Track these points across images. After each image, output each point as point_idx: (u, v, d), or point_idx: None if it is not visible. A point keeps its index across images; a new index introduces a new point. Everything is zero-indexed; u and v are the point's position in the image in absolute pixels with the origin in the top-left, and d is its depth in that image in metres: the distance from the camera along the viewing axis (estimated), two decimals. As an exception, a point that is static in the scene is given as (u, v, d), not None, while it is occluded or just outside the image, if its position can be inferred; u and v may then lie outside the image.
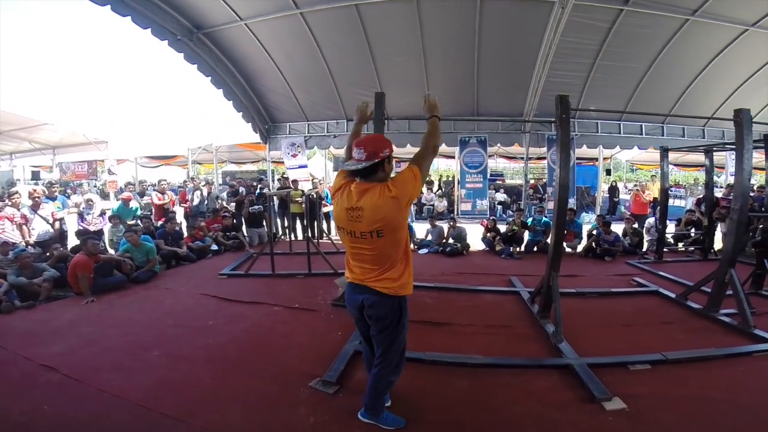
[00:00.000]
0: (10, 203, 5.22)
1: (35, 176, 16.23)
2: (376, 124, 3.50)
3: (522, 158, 11.17)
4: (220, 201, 8.74)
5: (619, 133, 9.59)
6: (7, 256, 4.84)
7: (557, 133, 3.54)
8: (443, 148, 10.26)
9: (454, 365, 3.01)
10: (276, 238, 8.28)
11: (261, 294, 4.73)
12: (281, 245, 6.72)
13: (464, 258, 6.77)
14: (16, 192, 5.50)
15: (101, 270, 4.79)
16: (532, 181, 11.57)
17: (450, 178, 16.84)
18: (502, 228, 7.25)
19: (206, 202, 8.31)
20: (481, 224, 7.60)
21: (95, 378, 2.84)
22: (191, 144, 15.97)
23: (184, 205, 8.24)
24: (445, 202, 10.14)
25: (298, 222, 7.95)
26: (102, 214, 6.75)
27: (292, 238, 7.11)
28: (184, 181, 15.47)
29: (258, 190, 8.12)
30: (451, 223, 7.12)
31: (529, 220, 7.43)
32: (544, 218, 7.29)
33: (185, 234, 6.95)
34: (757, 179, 9.71)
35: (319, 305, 4.35)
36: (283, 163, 21.08)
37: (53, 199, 5.76)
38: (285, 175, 9.55)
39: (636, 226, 7.37)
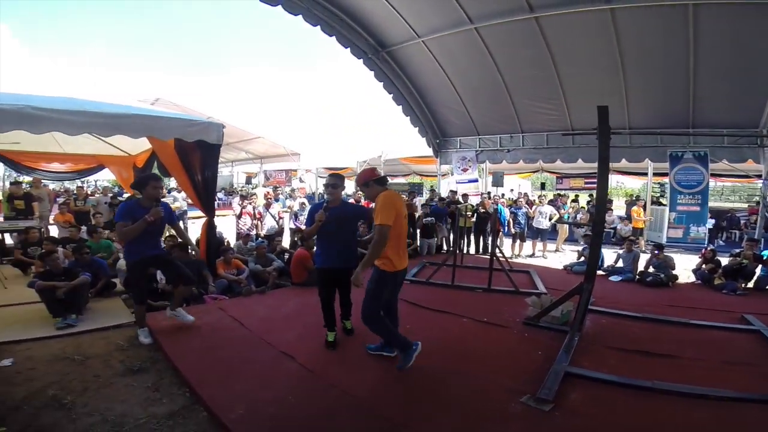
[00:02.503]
0: (250, 203, 6.62)
1: (248, 181, 20.09)
2: (602, 139, 3.29)
3: (737, 176, 9.12)
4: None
5: None
6: (247, 245, 6.09)
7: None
8: (624, 164, 9.13)
9: (690, 396, 2.75)
10: (445, 250, 8.54)
11: (445, 304, 4.86)
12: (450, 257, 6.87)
13: (670, 290, 5.92)
14: (254, 194, 6.93)
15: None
16: (750, 205, 9.37)
17: (635, 198, 14.77)
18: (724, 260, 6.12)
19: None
20: (701, 254, 6.54)
21: (326, 371, 3.12)
22: (360, 157, 17.69)
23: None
24: (630, 226, 8.96)
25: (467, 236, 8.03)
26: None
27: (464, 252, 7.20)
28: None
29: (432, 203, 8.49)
30: (656, 252, 6.30)
31: (765, 252, 6.10)
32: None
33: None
34: None
35: (509, 322, 4.30)
36: (433, 176, 21.79)
37: (277, 200, 7.08)
38: (452, 189, 9.78)
39: None
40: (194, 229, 8.48)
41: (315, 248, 4.01)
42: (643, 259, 6.71)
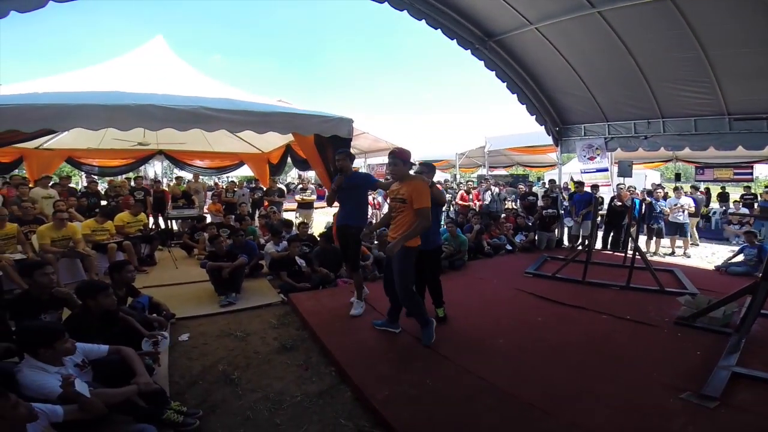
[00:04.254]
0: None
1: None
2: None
3: None
4: (507, 202, 9.13)
5: None
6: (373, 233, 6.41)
7: None
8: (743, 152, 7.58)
9: None
10: (566, 245, 8.05)
11: (578, 299, 4.61)
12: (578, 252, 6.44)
13: None
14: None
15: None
16: None
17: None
18: None
19: (496, 202, 8.85)
20: None
21: (459, 356, 3.19)
22: (459, 149, 17.42)
23: (478, 203, 9.03)
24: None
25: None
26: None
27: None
28: (479, 182, 16.84)
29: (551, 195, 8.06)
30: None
31: None
32: None
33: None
34: None
35: (657, 321, 3.95)
36: (537, 167, 20.52)
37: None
38: (573, 179, 9.13)
39: None
40: (321, 218, 9.27)
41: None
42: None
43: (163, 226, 8.72)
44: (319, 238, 6.15)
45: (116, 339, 2.77)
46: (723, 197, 12.12)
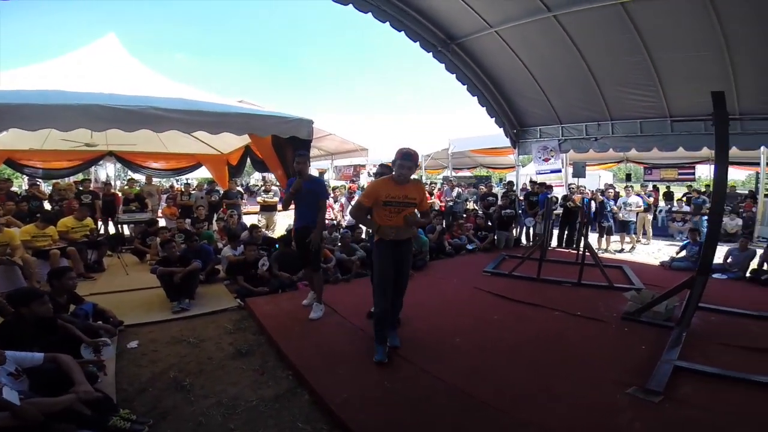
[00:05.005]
0: (332, 195, 6.96)
1: (320, 176, 20.96)
2: (719, 125, 3.03)
3: None
4: (468, 202, 9.33)
5: None
6: (332, 236, 6.39)
7: None
8: (731, 152, 8.13)
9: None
10: (524, 244, 8.30)
11: (533, 296, 4.76)
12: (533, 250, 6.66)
13: None
14: (337, 187, 7.26)
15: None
16: None
17: (733, 190, 13.17)
18: None
19: (458, 203, 9.02)
20: None
21: (418, 357, 3.21)
22: (424, 151, 17.63)
23: (441, 203, 9.17)
24: (738, 221, 8.01)
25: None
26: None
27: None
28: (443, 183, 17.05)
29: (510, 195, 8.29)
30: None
31: None
32: None
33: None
34: None
35: (605, 317, 4.13)
36: (500, 168, 21.10)
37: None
38: (532, 180, 9.45)
39: None
40: (283, 220, 9.09)
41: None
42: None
43: (113, 230, 8.30)
44: (278, 242, 6.03)
45: (55, 347, 2.68)
46: (668, 196, 12.89)
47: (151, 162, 9.88)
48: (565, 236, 8.22)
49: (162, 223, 8.06)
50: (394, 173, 3.21)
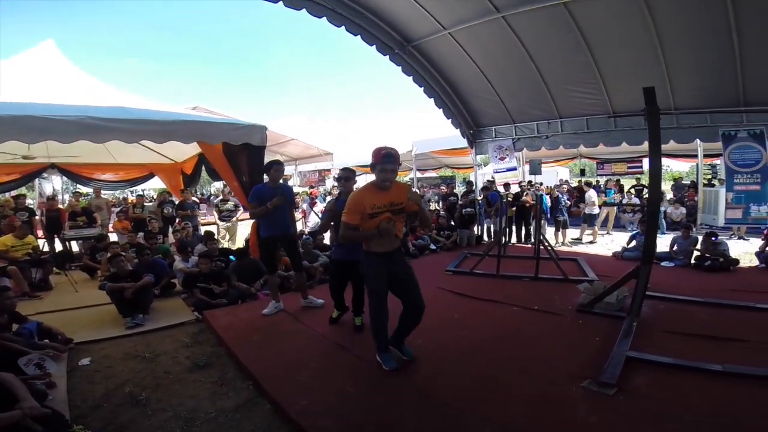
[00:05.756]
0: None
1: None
2: (652, 120, 3.20)
3: None
4: (430, 203, 9.43)
5: None
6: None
7: None
8: (671, 146, 8.72)
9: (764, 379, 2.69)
10: (485, 241, 8.48)
11: (493, 293, 4.85)
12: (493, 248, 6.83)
13: (731, 275, 5.66)
14: (298, 193, 7.15)
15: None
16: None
17: (679, 181, 14.11)
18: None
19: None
20: (764, 235, 6.21)
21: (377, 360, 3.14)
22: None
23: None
24: (682, 210, 8.53)
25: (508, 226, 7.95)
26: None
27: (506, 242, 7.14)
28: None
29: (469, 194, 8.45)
30: (713, 239, 6.05)
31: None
32: None
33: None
34: None
35: (561, 310, 4.25)
36: (464, 168, 21.51)
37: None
38: (491, 179, 9.67)
39: None
40: (243, 230, 8.84)
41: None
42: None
43: (60, 247, 7.80)
44: (234, 253, 5.87)
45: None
46: (620, 189, 13.57)
47: (99, 174, 9.37)
48: (523, 232, 8.47)
49: (114, 238, 7.67)
50: (376, 179, 2.89)
